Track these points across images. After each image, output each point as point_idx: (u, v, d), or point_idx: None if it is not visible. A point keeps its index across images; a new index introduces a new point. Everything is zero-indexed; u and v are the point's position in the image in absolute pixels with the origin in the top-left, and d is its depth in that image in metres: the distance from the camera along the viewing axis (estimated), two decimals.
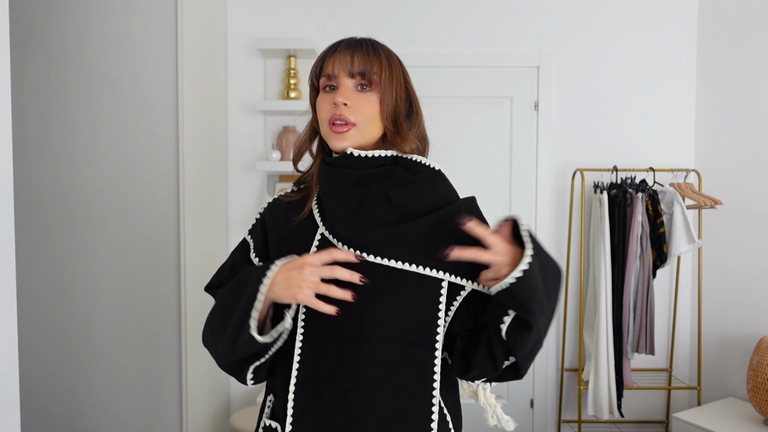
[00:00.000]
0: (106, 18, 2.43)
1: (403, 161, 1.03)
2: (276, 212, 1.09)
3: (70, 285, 2.49)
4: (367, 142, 1.02)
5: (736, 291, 2.80)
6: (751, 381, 2.37)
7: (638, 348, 2.82)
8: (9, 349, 1.41)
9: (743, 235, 2.76)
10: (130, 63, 2.44)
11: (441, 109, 3.06)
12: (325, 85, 1.04)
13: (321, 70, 1.04)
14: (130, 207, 2.47)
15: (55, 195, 2.47)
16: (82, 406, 2.52)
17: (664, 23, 3.05)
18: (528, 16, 3.05)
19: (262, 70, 3.05)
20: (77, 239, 2.47)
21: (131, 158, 2.46)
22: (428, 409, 0.95)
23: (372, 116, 1.01)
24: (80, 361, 2.51)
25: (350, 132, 1.00)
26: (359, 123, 1.00)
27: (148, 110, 2.44)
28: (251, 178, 3.07)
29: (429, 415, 0.95)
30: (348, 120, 0.99)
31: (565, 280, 1.04)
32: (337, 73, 1.01)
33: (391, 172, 1.01)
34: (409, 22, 3.05)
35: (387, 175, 1.01)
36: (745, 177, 2.75)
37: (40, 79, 2.44)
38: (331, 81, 1.03)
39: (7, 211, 1.39)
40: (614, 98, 3.06)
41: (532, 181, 3.07)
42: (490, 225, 1.03)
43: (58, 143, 2.45)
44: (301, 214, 1.04)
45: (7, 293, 1.41)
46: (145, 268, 2.48)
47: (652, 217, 2.82)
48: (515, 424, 1.09)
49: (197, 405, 2.64)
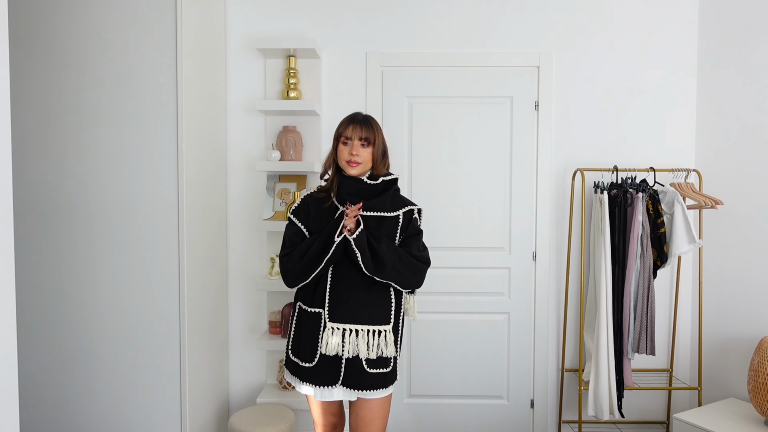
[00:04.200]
0: (106, 18, 2.43)
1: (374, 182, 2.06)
2: (311, 202, 2.06)
3: (70, 285, 2.48)
4: (364, 172, 2.02)
5: (736, 291, 2.80)
6: (752, 381, 2.37)
7: (639, 348, 2.82)
8: (8, 348, 1.41)
9: (744, 236, 2.75)
10: (130, 63, 2.43)
11: (441, 109, 3.05)
12: (343, 141, 2.00)
13: (343, 132, 2.00)
14: (130, 207, 2.47)
15: (54, 194, 2.47)
16: (82, 406, 2.52)
17: (664, 23, 3.05)
18: (528, 16, 3.05)
19: (262, 70, 3.04)
20: (77, 239, 2.47)
21: (131, 158, 2.46)
22: (388, 300, 2.00)
23: (368, 159, 2.01)
24: (80, 361, 2.50)
25: (357, 168, 1.99)
26: (362, 163, 2.00)
27: (148, 110, 2.44)
28: (251, 178, 3.07)
29: (389, 303, 2.00)
30: (357, 162, 1.98)
31: (392, 247, 1.97)
32: (353, 137, 1.99)
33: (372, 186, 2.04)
34: (409, 22, 3.05)
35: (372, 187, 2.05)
36: (746, 177, 2.74)
37: (39, 78, 2.44)
38: (348, 140, 2.00)
39: (6, 210, 1.39)
40: (615, 98, 3.06)
41: (533, 181, 3.06)
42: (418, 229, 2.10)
43: (57, 143, 2.45)
44: (327, 204, 2.03)
45: (6, 293, 1.41)
46: (145, 268, 2.48)
47: (653, 217, 2.82)
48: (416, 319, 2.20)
49: (197, 405, 2.64)
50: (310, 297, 2.01)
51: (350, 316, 1.94)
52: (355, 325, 1.93)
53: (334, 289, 1.96)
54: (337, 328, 1.92)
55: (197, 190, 2.63)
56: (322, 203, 2.03)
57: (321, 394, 1.99)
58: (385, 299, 2.00)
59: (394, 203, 2.04)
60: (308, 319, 2.00)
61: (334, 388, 1.97)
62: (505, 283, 3.10)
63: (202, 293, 2.70)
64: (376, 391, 1.97)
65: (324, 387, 1.97)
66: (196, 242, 2.62)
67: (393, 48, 3.06)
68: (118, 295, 2.49)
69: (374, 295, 1.98)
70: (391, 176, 2.06)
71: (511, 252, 3.09)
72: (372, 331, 1.94)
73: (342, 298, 1.95)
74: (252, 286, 3.09)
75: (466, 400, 3.12)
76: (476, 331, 3.10)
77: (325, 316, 1.95)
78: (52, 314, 2.49)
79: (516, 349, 3.11)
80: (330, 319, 1.94)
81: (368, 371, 1.95)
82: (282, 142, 2.91)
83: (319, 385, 1.96)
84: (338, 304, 1.95)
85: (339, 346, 1.91)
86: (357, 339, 1.93)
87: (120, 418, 2.51)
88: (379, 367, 1.97)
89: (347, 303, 1.95)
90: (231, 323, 3.11)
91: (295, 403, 2.89)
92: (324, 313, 1.95)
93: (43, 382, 2.52)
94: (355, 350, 1.92)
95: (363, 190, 1.99)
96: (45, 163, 2.46)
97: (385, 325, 1.97)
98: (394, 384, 2.04)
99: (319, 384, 1.96)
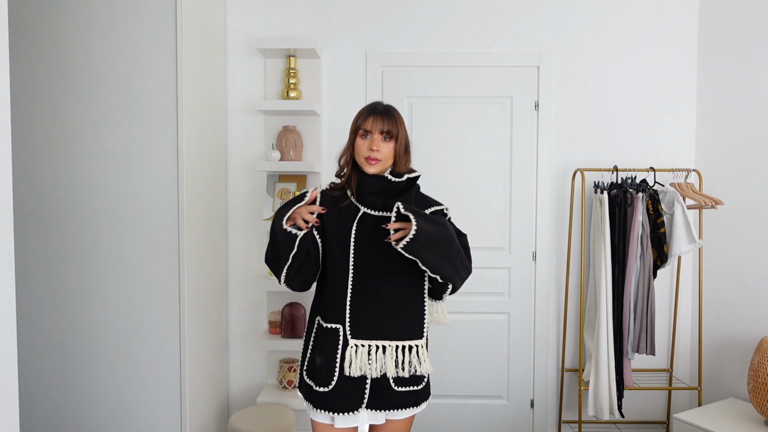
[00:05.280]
0: (106, 18, 2.43)
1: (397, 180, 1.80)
2: (325, 199, 1.80)
3: (70, 285, 2.48)
4: (384, 169, 1.77)
5: (736, 291, 2.80)
6: (751, 381, 2.37)
7: (639, 348, 2.82)
8: (8, 348, 1.41)
9: (744, 236, 2.75)
10: (130, 63, 2.43)
11: (441, 109, 3.05)
12: (362, 134, 1.75)
13: (362, 125, 1.75)
14: (130, 207, 2.47)
15: (54, 195, 2.47)
16: (82, 406, 2.52)
17: (664, 23, 3.05)
18: (528, 16, 3.05)
19: (262, 70, 3.04)
20: (77, 239, 2.47)
21: (131, 158, 2.46)
22: (421, 311, 1.75)
23: (389, 156, 1.75)
24: (80, 361, 2.50)
25: (378, 164, 1.74)
26: (383, 159, 1.74)
27: (148, 110, 2.44)
28: (251, 178, 3.07)
29: (421, 314, 1.75)
30: (377, 159, 1.73)
31: (452, 230, 1.70)
32: (373, 131, 1.74)
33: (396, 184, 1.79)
34: (409, 22, 3.05)
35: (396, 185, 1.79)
36: (746, 177, 2.74)
37: (39, 79, 2.44)
38: (367, 133, 1.75)
39: (6, 211, 1.39)
40: (615, 98, 3.06)
41: (533, 181, 3.06)
42: None
43: (57, 143, 2.45)
44: (345, 202, 1.77)
45: (6, 293, 1.41)
46: (145, 268, 2.48)
47: (653, 217, 2.82)
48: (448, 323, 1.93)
49: (197, 405, 2.64)
50: (325, 309, 1.76)
51: (376, 331, 1.70)
52: (381, 341, 1.69)
53: (355, 300, 1.71)
54: (361, 345, 1.69)
55: (197, 190, 2.63)
56: (338, 202, 1.79)
57: (343, 421, 1.72)
58: (417, 309, 1.74)
59: (419, 203, 1.81)
60: (324, 336, 1.74)
61: (358, 413, 1.71)
62: (505, 283, 3.10)
63: (202, 293, 2.70)
64: (406, 410, 1.74)
65: (346, 414, 1.70)
66: (196, 242, 2.62)
67: (393, 48, 3.06)
68: (118, 295, 2.49)
69: (404, 304, 1.73)
70: (415, 173, 1.81)
71: (511, 252, 3.09)
72: (402, 347, 1.71)
73: (366, 311, 1.70)
74: (252, 286, 3.09)
75: (466, 400, 3.12)
76: (476, 331, 3.10)
77: (346, 333, 1.70)
78: (52, 314, 2.49)
79: (516, 349, 3.11)
80: (352, 335, 1.70)
81: (396, 390, 1.72)
82: (282, 142, 2.91)
83: (340, 412, 1.70)
84: (361, 317, 1.70)
85: (365, 366, 1.68)
86: (385, 356, 1.69)
87: (120, 418, 2.51)
88: (410, 385, 1.73)
89: (372, 315, 1.70)
90: (231, 323, 3.11)
91: (295, 403, 2.89)
92: (344, 329, 1.71)
93: (43, 382, 2.52)
94: (382, 368, 1.69)
95: (386, 188, 1.75)
96: (45, 163, 2.46)
97: (417, 339, 1.73)
98: (427, 401, 1.81)
99: (340, 410, 1.70)
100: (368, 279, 1.71)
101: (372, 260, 1.70)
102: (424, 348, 1.74)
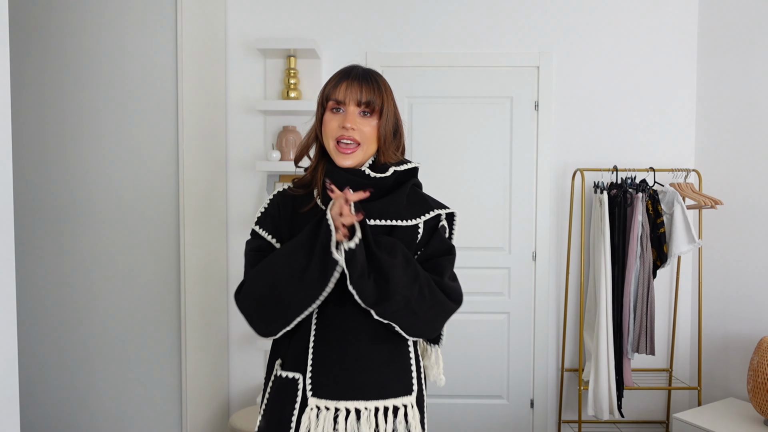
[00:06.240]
0: (106, 18, 2.43)
1: None
2: (285, 201, 1.34)
3: (70, 285, 2.49)
4: (365, 159, 1.28)
5: (736, 291, 2.80)
6: (751, 381, 2.37)
7: (638, 348, 2.82)
8: (9, 348, 1.41)
9: (743, 235, 2.76)
10: (130, 63, 2.43)
11: (441, 109, 3.05)
12: (333, 107, 1.26)
13: (331, 94, 1.26)
14: (131, 207, 2.47)
15: (54, 195, 2.47)
16: (82, 406, 2.52)
17: (664, 23, 3.05)
18: (528, 16, 3.05)
19: (262, 70, 3.05)
20: (77, 239, 2.47)
21: (131, 158, 2.46)
22: (407, 355, 1.29)
23: (371, 138, 1.26)
24: (80, 361, 2.50)
25: (356, 153, 1.25)
26: (362, 143, 1.25)
27: (148, 110, 2.44)
28: (251, 178, 3.07)
29: (408, 359, 1.29)
30: (354, 139, 1.24)
31: (413, 260, 1.26)
32: (346, 101, 1.24)
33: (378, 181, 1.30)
34: (409, 23, 3.05)
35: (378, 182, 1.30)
36: (746, 177, 2.75)
37: (39, 79, 2.44)
38: (340, 105, 1.25)
39: (6, 211, 1.39)
40: (614, 98, 3.06)
41: (532, 181, 3.07)
42: None
43: (57, 143, 2.45)
44: (308, 206, 1.30)
45: (7, 293, 1.41)
46: (145, 268, 2.48)
47: (653, 217, 2.82)
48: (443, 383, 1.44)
49: (197, 405, 2.64)
50: (286, 351, 1.30)
51: (346, 386, 1.22)
52: (354, 401, 1.21)
53: (319, 340, 1.25)
54: (325, 408, 1.21)
55: (197, 190, 2.63)
56: (300, 204, 1.32)
57: None
58: (403, 354, 1.29)
59: (413, 206, 1.32)
60: (279, 389, 1.27)
61: None
62: (505, 283, 3.10)
63: (202, 293, 2.70)
64: None
65: None
66: (197, 242, 2.62)
67: (393, 48, 3.06)
68: (118, 295, 2.49)
69: (385, 347, 1.26)
70: (408, 165, 1.32)
71: (510, 252, 3.09)
72: (384, 409, 1.22)
73: (333, 356, 1.23)
74: None
75: (466, 400, 3.12)
76: (476, 331, 3.10)
77: (305, 387, 1.23)
78: (52, 314, 2.49)
79: (516, 348, 3.11)
80: (314, 391, 1.21)
81: None
82: (282, 142, 2.92)
83: None
84: (326, 365, 1.23)
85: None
86: (358, 424, 1.20)
87: (120, 418, 2.52)
88: None
89: (341, 363, 1.23)
90: (231, 323, 3.11)
91: None
92: (303, 381, 1.24)
93: (43, 383, 2.52)
94: None
95: (363, 185, 1.25)
96: (45, 163, 2.46)
97: (404, 396, 1.25)
98: None
99: None
100: (336, 312, 1.25)
101: (342, 285, 1.20)
102: (416, 408, 1.25)
